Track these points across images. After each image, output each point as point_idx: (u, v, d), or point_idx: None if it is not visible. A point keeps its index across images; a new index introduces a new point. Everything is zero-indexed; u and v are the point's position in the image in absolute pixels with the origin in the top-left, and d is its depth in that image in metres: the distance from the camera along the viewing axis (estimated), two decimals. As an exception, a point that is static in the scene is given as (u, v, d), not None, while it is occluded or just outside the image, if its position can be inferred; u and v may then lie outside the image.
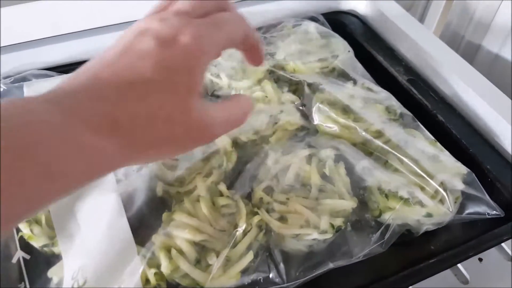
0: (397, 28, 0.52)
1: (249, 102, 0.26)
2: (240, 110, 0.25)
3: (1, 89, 0.43)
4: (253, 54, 0.27)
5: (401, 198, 0.35)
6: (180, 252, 0.31)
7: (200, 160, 0.38)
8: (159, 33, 0.21)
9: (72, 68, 0.46)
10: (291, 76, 0.45)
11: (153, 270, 0.30)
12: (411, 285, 0.33)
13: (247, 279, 0.30)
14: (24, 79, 0.44)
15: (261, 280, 0.30)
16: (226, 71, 0.46)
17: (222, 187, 0.35)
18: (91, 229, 0.32)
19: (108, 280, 0.28)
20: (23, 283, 0.32)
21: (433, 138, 0.39)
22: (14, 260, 0.33)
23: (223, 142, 0.38)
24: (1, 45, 0.48)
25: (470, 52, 0.59)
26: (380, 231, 0.34)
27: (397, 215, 0.35)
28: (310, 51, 0.49)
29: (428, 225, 0.36)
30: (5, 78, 0.44)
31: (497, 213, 0.36)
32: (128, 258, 0.29)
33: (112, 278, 0.28)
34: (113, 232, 0.31)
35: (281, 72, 0.47)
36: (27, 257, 0.33)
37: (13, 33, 0.48)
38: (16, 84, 0.43)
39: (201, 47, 0.21)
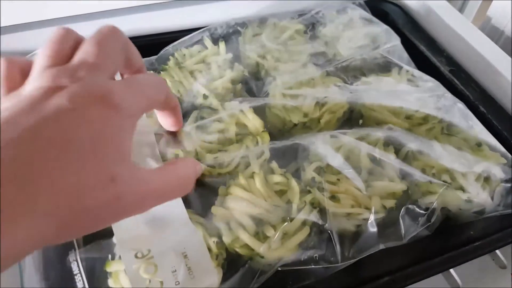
0: (438, 18, 0.53)
1: (190, 170, 0.24)
2: (178, 180, 0.23)
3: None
4: (172, 117, 0.27)
5: (444, 182, 0.36)
6: (239, 223, 0.32)
7: (234, 142, 0.39)
8: (75, 93, 0.18)
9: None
10: (335, 65, 0.46)
11: (214, 239, 0.31)
12: (453, 267, 0.35)
13: (303, 255, 0.31)
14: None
15: (317, 258, 0.32)
16: (271, 53, 0.47)
17: (275, 165, 0.36)
18: None
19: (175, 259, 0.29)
20: (73, 250, 0.33)
21: (480, 126, 0.40)
22: None
23: (254, 124, 0.39)
24: (37, 20, 0.49)
25: (510, 46, 0.59)
26: (426, 215, 0.35)
27: (439, 199, 0.36)
28: (351, 38, 0.50)
29: (469, 212, 0.37)
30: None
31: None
32: (193, 238, 0.30)
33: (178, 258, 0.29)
34: (173, 214, 0.32)
35: (323, 57, 0.47)
36: None
37: (51, 7, 0.48)
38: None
39: (125, 110, 0.19)
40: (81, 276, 0.31)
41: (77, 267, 0.31)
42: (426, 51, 0.50)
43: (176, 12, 0.53)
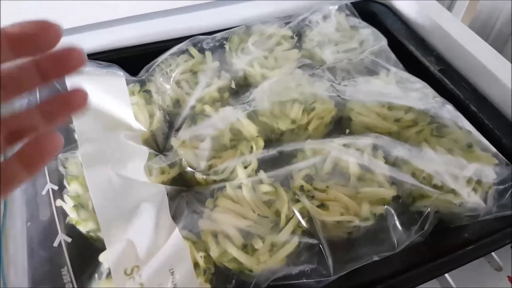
0: (427, 17, 0.52)
1: None
2: None
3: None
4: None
5: (435, 186, 0.36)
6: (227, 236, 0.31)
7: (228, 148, 0.39)
8: None
9: (104, 56, 0.48)
10: (323, 67, 0.46)
11: (201, 254, 0.31)
12: (448, 271, 0.34)
13: (295, 270, 0.31)
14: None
15: (308, 271, 0.31)
16: (258, 60, 0.46)
17: (263, 175, 0.36)
18: (138, 224, 0.32)
19: (162, 276, 0.29)
20: (65, 267, 0.33)
21: (471, 127, 0.39)
22: (56, 244, 0.33)
23: (249, 129, 0.39)
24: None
25: (499, 43, 0.59)
26: (419, 222, 0.34)
27: (432, 203, 0.36)
28: (338, 42, 0.49)
29: (462, 215, 0.36)
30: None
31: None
32: (180, 254, 0.30)
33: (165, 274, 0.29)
34: (162, 231, 0.32)
35: (311, 63, 0.47)
36: (69, 240, 0.33)
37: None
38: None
39: None
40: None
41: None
42: (415, 51, 0.50)
43: (166, 21, 0.53)
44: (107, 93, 0.41)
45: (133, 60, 0.47)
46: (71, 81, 0.42)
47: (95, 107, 0.41)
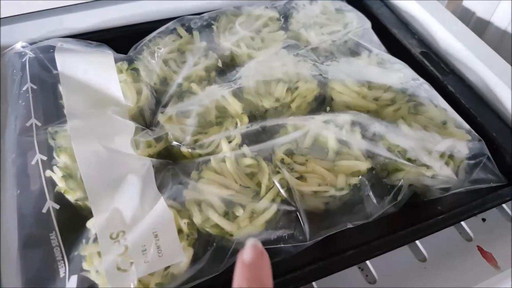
0: (410, 2, 0.54)
1: None
2: None
3: (28, 57, 0.45)
4: None
5: (408, 160, 0.37)
6: (210, 205, 0.33)
7: (214, 124, 0.40)
8: None
9: (95, 36, 0.49)
10: (306, 48, 0.47)
11: (185, 220, 0.32)
12: (419, 238, 0.36)
13: (273, 235, 0.32)
14: (50, 47, 0.45)
15: (286, 237, 0.33)
16: (245, 41, 0.47)
17: (246, 149, 0.37)
18: (124, 193, 0.34)
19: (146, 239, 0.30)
20: (53, 232, 0.34)
21: (446, 105, 0.41)
22: (44, 210, 0.34)
23: (234, 107, 0.41)
24: (24, 12, 0.49)
25: (480, 28, 0.60)
26: (392, 193, 0.36)
27: (405, 176, 0.37)
28: (323, 24, 0.51)
29: (434, 189, 0.38)
30: (31, 44, 0.45)
31: (501, 182, 0.38)
32: (164, 219, 0.31)
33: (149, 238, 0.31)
34: (147, 200, 0.33)
35: (296, 44, 0.48)
36: (57, 207, 0.34)
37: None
38: (41, 47, 0.44)
39: None
40: (63, 261, 0.32)
41: (59, 252, 0.32)
42: (397, 34, 0.51)
43: (155, 2, 0.53)
44: (95, 70, 0.43)
45: (122, 40, 0.48)
46: (63, 60, 0.43)
47: (84, 83, 0.42)
